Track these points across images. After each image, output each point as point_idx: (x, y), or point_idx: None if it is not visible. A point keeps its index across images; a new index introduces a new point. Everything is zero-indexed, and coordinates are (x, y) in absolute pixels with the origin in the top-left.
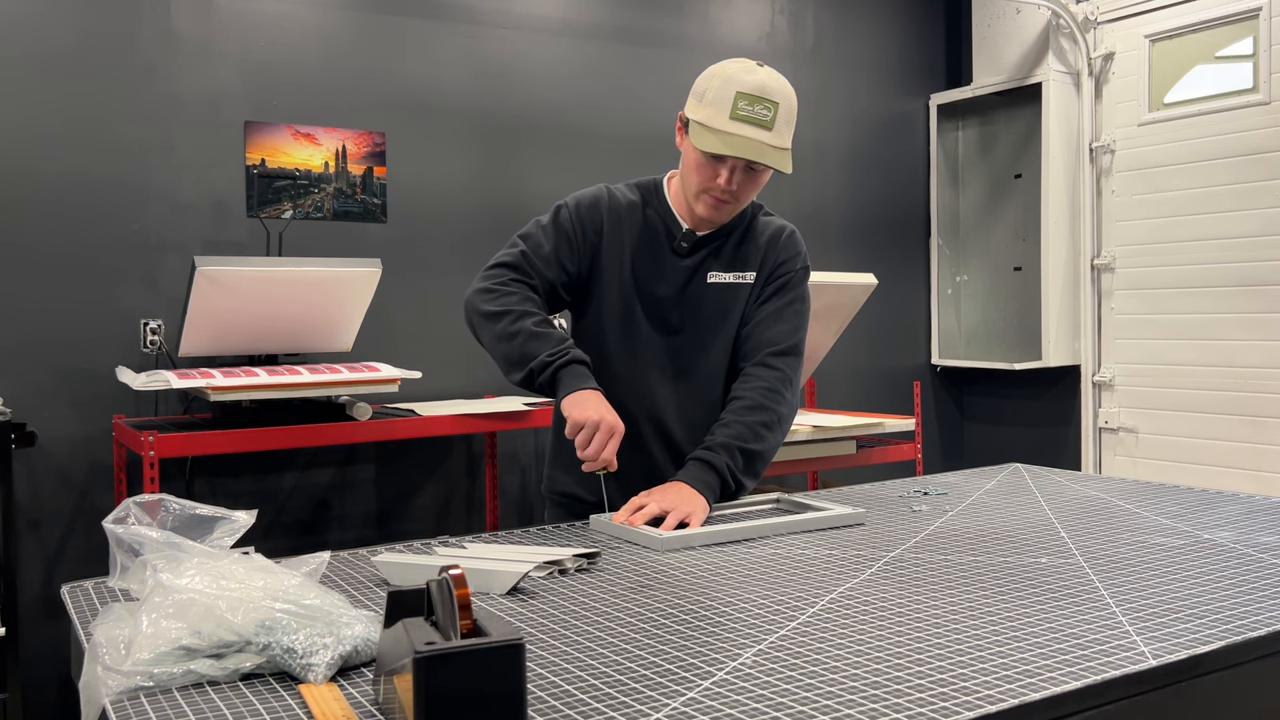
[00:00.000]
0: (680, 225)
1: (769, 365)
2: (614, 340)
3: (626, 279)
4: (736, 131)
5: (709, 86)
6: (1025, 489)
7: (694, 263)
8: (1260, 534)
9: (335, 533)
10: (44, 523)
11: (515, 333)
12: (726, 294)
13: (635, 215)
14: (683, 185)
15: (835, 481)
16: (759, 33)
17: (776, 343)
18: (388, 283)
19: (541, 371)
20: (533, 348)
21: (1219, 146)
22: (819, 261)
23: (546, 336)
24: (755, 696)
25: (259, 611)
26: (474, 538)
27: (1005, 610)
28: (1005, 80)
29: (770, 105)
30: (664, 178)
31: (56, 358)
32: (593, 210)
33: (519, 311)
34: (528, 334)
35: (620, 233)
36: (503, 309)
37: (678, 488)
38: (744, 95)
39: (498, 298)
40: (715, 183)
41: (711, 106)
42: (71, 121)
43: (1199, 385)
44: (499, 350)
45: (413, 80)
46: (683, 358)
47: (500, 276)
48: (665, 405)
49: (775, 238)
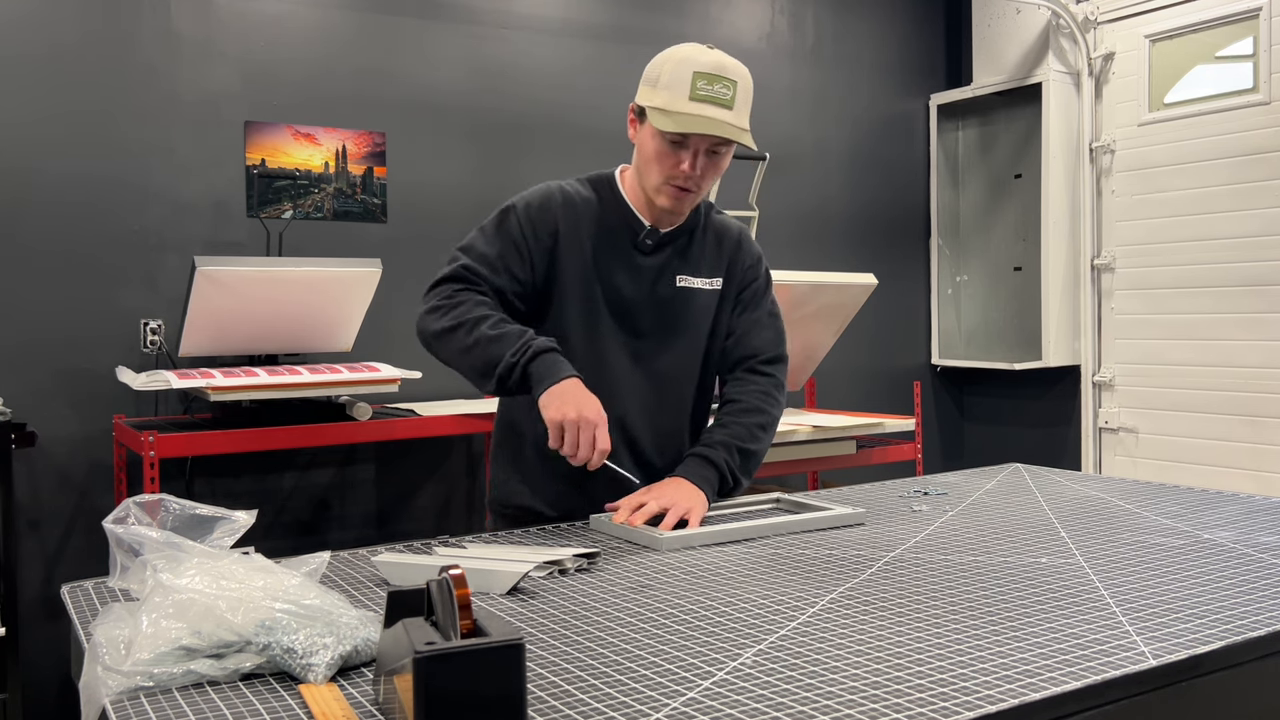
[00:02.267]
0: (642, 222)
1: (761, 372)
2: (578, 344)
3: (590, 281)
4: (698, 112)
5: (663, 71)
6: (1025, 489)
7: (659, 262)
8: (1260, 534)
9: (335, 533)
10: (44, 523)
11: (473, 343)
12: (697, 299)
13: (592, 212)
14: (640, 179)
15: (835, 481)
16: (759, 33)
17: (764, 351)
18: (388, 283)
19: (510, 375)
20: (493, 352)
21: (1219, 146)
22: (819, 261)
23: (503, 336)
24: (755, 696)
25: (259, 611)
26: (474, 538)
27: (1005, 610)
28: (1005, 80)
29: (729, 84)
30: (615, 172)
31: (56, 358)
32: (544, 212)
33: (472, 319)
34: (485, 340)
35: (578, 232)
36: (455, 322)
37: (676, 483)
38: (702, 75)
39: (445, 313)
40: (678, 170)
41: (668, 90)
42: (72, 121)
43: (1199, 385)
44: (464, 365)
45: (413, 80)
46: (650, 361)
47: (444, 291)
48: (631, 409)
49: (737, 242)
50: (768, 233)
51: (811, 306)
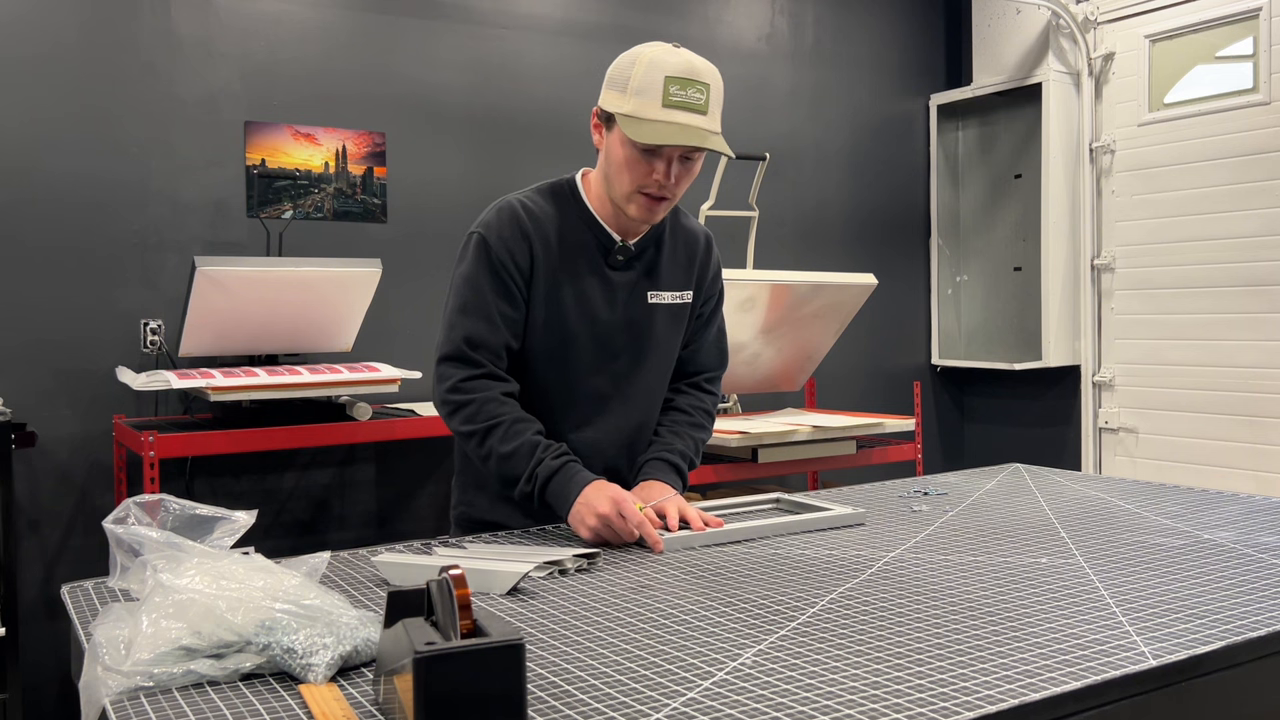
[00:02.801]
0: (611, 238)
1: (707, 390)
2: (550, 368)
3: (564, 303)
4: (670, 119)
5: (632, 74)
6: (1025, 489)
7: (630, 279)
8: (1260, 534)
9: (335, 533)
10: (44, 523)
11: (487, 456)
12: (669, 314)
13: (554, 229)
14: (608, 187)
15: (835, 481)
16: (759, 33)
17: (712, 369)
18: (388, 283)
19: (530, 502)
20: (508, 471)
21: (1219, 146)
22: (819, 261)
23: (514, 454)
24: (755, 696)
25: (259, 611)
26: (474, 538)
27: (1005, 610)
28: (1005, 80)
29: (702, 87)
30: (576, 178)
31: (56, 358)
32: (515, 237)
33: (483, 430)
34: (498, 457)
35: (548, 252)
36: (470, 430)
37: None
38: (674, 80)
39: (457, 412)
40: (650, 179)
41: (639, 96)
42: (71, 121)
43: (1199, 385)
44: (488, 471)
45: (413, 80)
46: (623, 381)
47: (449, 381)
48: (603, 429)
49: (706, 251)
50: (768, 233)
51: (811, 306)
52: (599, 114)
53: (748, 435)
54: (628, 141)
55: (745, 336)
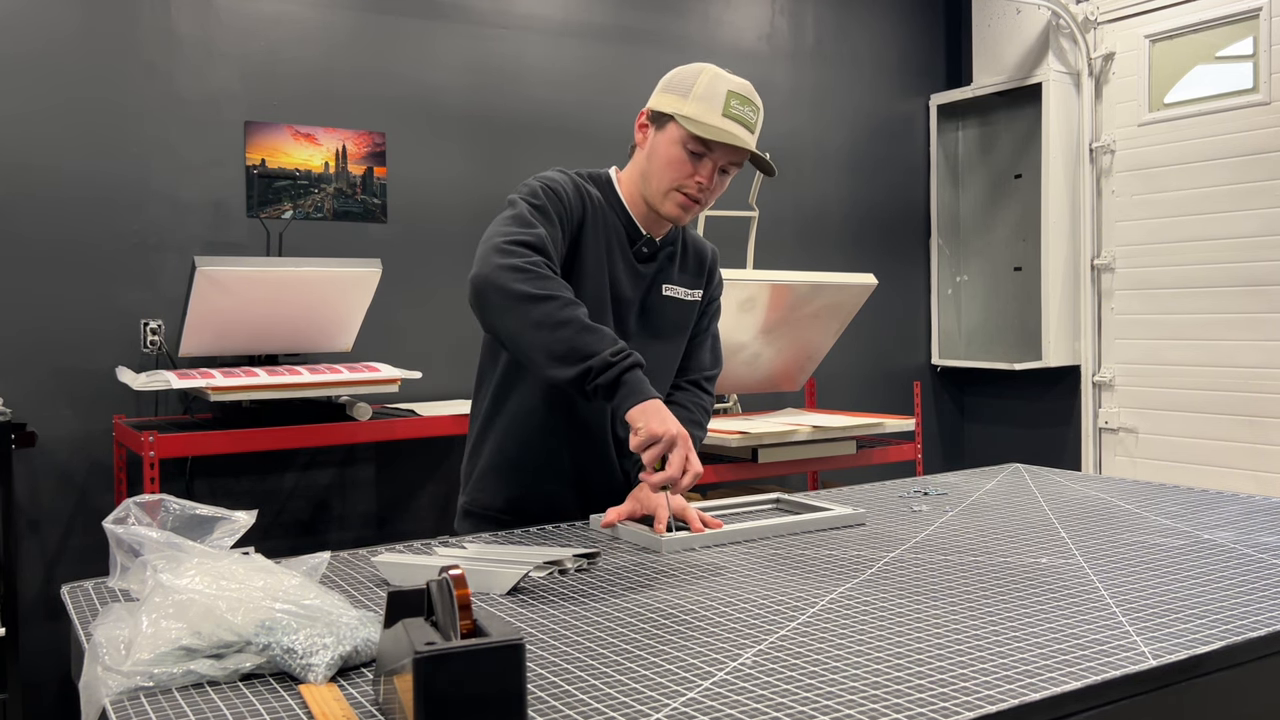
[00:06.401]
0: (639, 229)
1: (705, 390)
2: None
3: (600, 274)
4: (728, 129)
5: (696, 83)
6: (1025, 489)
7: (651, 270)
8: (1260, 534)
9: (335, 533)
10: (44, 523)
11: (565, 321)
12: (680, 308)
13: (602, 209)
14: (645, 185)
15: (835, 481)
16: (759, 33)
17: (710, 369)
18: (388, 283)
19: (602, 371)
20: (589, 343)
21: (1219, 146)
22: (819, 261)
23: (602, 333)
24: (755, 696)
25: (259, 611)
26: (474, 538)
27: (1005, 610)
28: (1005, 80)
29: (755, 109)
30: (610, 172)
31: (56, 358)
32: (572, 192)
33: (565, 299)
34: (581, 326)
35: (597, 226)
36: (547, 293)
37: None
38: (735, 95)
39: (535, 279)
40: (691, 180)
41: (703, 101)
42: (72, 121)
43: (1199, 385)
44: (538, 339)
45: (413, 80)
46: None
47: (529, 256)
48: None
49: (714, 262)
50: (768, 233)
51: (811, 306)
52: (649, 114)
53: (748, 435)
54: (678, 141)
55: (745, 336)
